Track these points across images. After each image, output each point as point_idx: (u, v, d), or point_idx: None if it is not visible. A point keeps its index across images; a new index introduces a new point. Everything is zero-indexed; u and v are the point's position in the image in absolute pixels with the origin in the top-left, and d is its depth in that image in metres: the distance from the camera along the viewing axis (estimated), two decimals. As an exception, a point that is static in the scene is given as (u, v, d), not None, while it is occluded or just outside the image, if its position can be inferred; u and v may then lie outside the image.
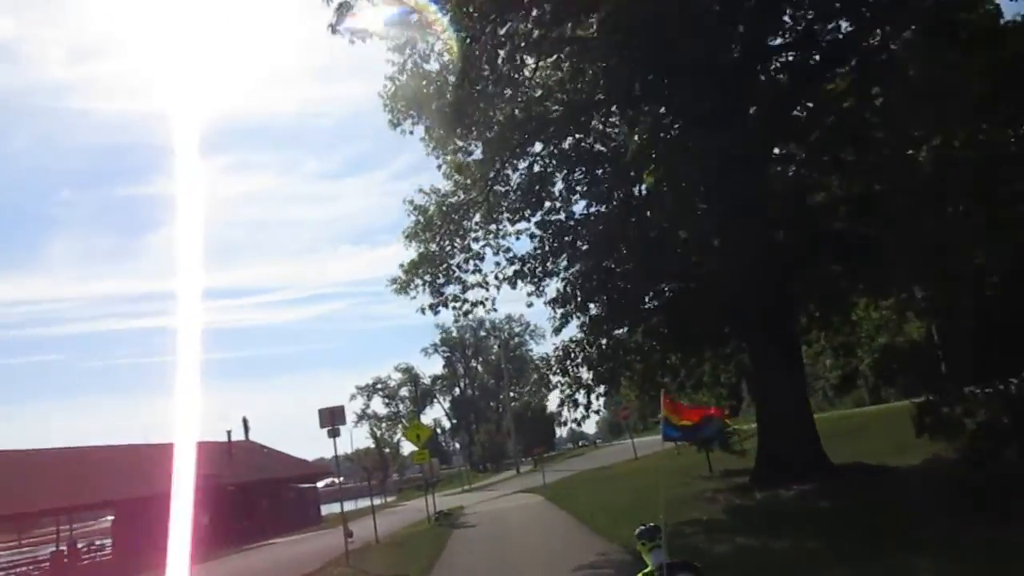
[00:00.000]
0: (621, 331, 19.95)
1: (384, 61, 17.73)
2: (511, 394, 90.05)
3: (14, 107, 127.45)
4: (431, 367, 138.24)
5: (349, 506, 39.17)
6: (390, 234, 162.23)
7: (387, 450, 68.59)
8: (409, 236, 20.00)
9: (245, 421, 44.56)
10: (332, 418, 20.12)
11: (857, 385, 43.73)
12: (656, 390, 18.39)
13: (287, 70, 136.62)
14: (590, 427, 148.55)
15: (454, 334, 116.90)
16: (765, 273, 16.44)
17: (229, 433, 42.67)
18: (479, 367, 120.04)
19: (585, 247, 19.37)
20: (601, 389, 20.15)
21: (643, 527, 5.75)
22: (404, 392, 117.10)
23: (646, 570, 5.49)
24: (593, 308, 19.38)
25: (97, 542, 36.03)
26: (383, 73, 18.01)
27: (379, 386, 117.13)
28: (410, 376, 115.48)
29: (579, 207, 20.23)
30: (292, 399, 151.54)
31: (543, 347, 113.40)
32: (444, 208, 20.02)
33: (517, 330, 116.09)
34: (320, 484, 53.48)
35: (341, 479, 51.84)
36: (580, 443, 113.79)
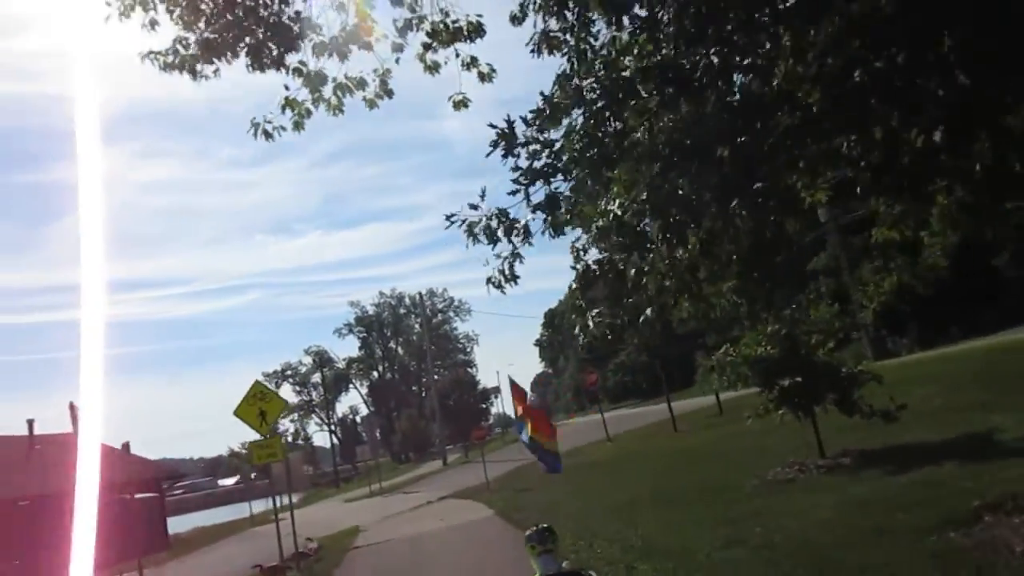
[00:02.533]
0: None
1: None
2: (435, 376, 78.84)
3: None
4: (347, 350, 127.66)
5: (229, 513, 27.81)
6: (308, 222, 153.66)
7: (285, 440, 55.34)
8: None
9: (72, 408, 31.00)
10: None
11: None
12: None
13: None
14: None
15: (370, 312, 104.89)
16: None
17: (31, 424, 29.79)
18: (399, 348, 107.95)
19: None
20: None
21: (535, 528, 4.73)
22: (317, 378, 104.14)
23: None
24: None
25: None
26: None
27: (288, 372, 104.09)
28: (322, 360, 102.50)
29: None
30: (201, 393, 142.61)
31: (468, 324, 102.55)
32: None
33: (440, 306, 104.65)
34: (230, 481, 41.51)
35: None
36: (513, 427, 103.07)
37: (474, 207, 6.48)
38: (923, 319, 33.08)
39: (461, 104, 8.05)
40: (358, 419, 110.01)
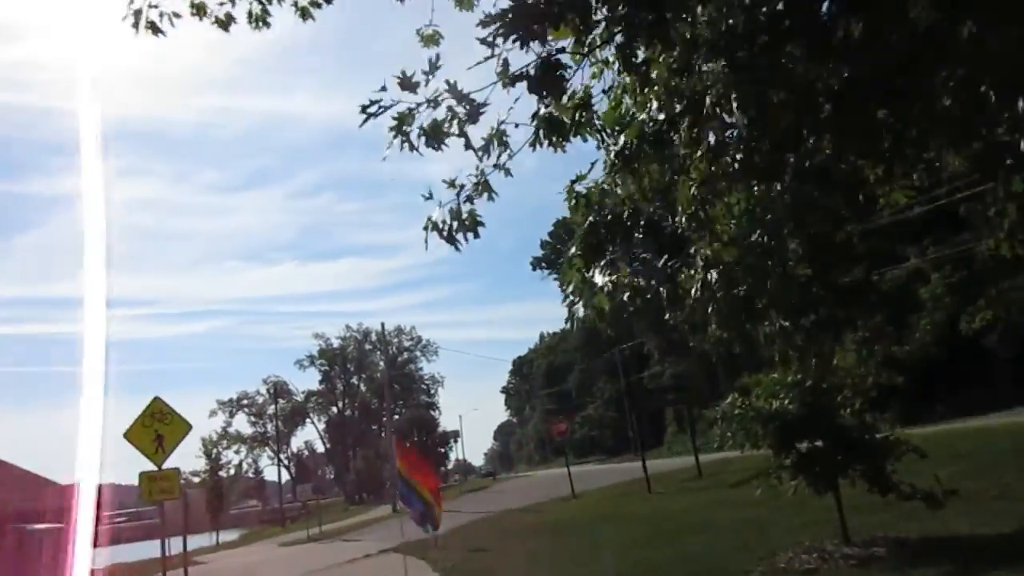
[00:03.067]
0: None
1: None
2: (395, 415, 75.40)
3: None
4: (307, 382, 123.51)
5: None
6: (283, 252, 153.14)
7: (228, 473, 50.15)
8: None
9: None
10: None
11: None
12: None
13: (188, 76, 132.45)
14: (475, 458, 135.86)
15: (335, 346, 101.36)
16: None
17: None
18: (361, 385, 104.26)
19: None
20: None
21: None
22: (273, 410, 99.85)
23: None
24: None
25: None
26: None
27: (244, 402, 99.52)
28: (277, 390, 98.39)
29: None
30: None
31: (435, 365, 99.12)
32: None
33: (407, 344, 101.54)
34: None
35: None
36: (473, 475, 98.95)
37: (409, 86, 3.96)
38: (907, 395, 31.27)
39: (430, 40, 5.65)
40: (316, 453, 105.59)
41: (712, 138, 4.55)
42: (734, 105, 4.13)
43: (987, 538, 9.37)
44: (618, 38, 4.18)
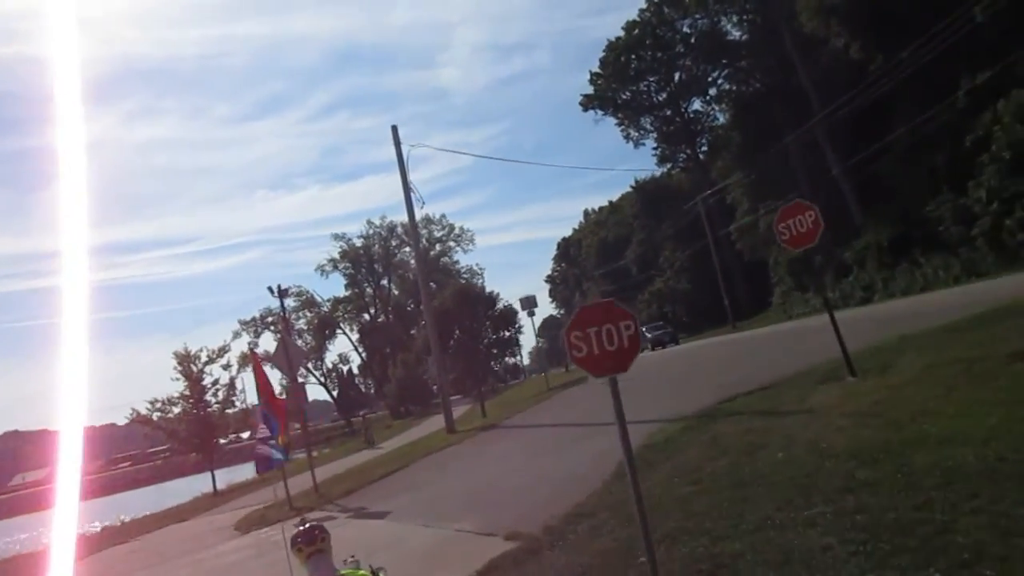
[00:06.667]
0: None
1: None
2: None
3: None
4: (332, 289, 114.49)
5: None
6: (306, 176, 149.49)
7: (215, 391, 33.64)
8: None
9: None
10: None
11: None
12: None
13: (185, 8, 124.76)
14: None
15: (357, 245, 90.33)
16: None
17: None
18: (392, 287, 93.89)
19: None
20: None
21: (301, 527, 3.95)
22: (302, 324, 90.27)
23: None
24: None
25: None
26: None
27: (269, 319, 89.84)
28: (306, 301, 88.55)
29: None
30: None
31: (472, 256, 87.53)
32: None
33: (439, 234, 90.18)
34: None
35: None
36: (529, 375, 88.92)
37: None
38: None
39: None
40: (354, 368, 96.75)
41: None
42: None
43: None
44: None
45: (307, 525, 3.92)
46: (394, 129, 23.22)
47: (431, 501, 11.52)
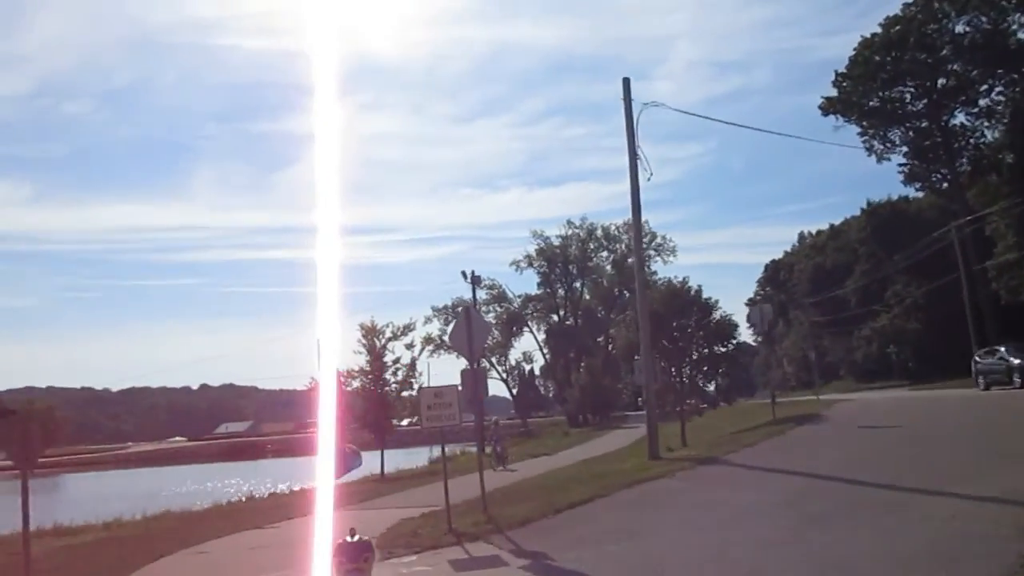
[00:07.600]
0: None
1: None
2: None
3: (162, 42, 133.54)
4: (524, 286, 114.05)
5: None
6: (511, 179, 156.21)
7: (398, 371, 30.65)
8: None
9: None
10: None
11: None
12: None
13: (422, 9, 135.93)
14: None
15: (555, 244, 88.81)
16: None
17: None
18: (584, 291, 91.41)
19: None
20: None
21: (349, 538, 4.12)
22: (491, 318, 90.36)
23: None
24: None
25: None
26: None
27: (459, 308, 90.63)
28: (497, 295, 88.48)
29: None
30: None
31: (672, 269, 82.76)
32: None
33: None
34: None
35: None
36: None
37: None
38: None
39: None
40: (536, 369, 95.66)
41: None
42: None
43: None
44: None
45: (356, 538, 4.02)
46: (625, 82, 20.55)
47: (657, 568, 7.65)
